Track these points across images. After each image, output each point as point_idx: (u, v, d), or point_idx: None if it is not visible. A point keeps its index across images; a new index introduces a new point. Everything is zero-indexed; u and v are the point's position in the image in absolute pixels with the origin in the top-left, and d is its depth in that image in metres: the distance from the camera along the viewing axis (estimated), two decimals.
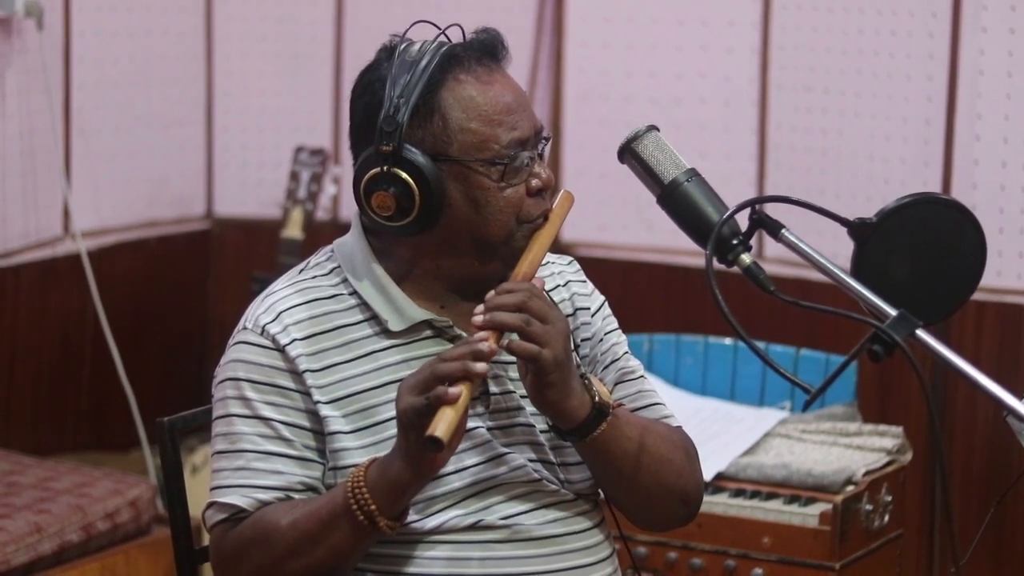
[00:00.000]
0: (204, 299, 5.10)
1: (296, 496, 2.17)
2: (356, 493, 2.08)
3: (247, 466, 2.17)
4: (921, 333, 1.94)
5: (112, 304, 4.53)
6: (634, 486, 2.24)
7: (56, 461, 4.24)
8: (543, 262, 2.26)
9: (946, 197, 2.13)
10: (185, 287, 5.06)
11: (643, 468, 2.22)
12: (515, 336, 2.10)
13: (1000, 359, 4.06)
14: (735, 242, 2.08)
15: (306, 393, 2.18)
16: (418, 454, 2.04)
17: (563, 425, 2.17)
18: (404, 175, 2.14)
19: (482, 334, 2.08)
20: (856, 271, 2.05)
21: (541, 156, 2.22)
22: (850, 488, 3.30)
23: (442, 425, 1.98)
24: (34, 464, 4.11)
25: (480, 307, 2.10)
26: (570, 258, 2.42)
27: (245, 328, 2.22)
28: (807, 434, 3.50)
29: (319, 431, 2.18)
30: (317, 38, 4.98)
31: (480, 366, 2.03)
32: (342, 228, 2.29)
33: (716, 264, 2.06)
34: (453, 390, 2.01)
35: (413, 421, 2.03)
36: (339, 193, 4.76)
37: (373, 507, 2.08)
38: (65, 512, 3.79)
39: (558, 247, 4.53)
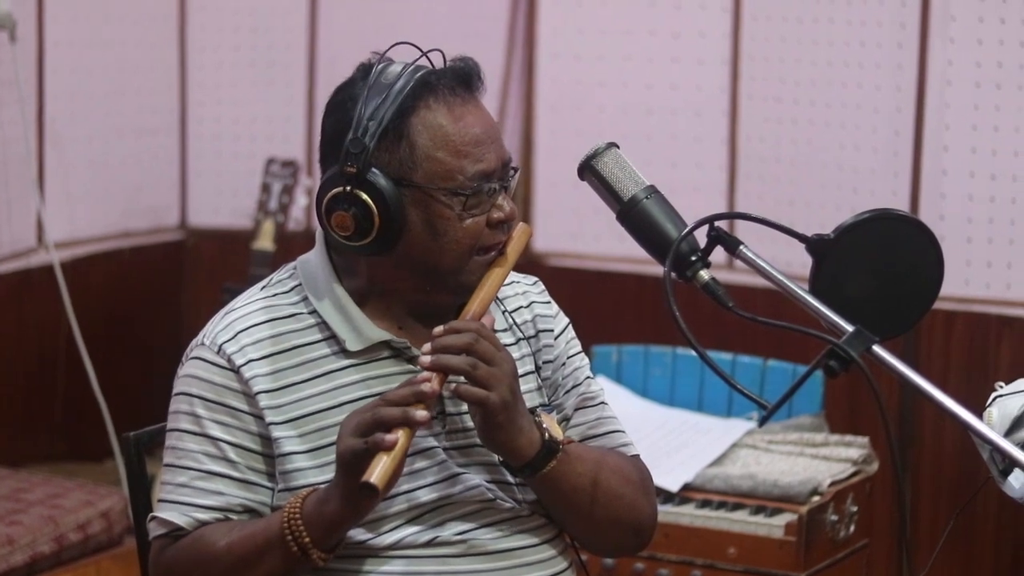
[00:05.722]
0: (178, 309, 5.10)
1: (235, 518, 2.18)
2: (292, 523, 2.10)
3: (189, 484, 2.19)
4: (878, 349, 1.95)
5: (86, 315, 4.53)
6: (586, 518, 2.25)
7: (29, 472, 4.24)
8: (507, 281, 2.26)
9: (903, 213, 2.14)
10: (159, 298, 5.05)
11: (596, 502, 2.23)
12: (461, 379, 2.10)
13: (969, 368, 4.08)
14: (694, 259, 2.09)
15: (258, 416, 2.18)
16: (354, 495, 2.05)
17: (513, 462, 2.18)
18: (365, 197, 2.14)
19: (426, 374, 2.08)
20: (814, 287, 2.06)
21: (506, 188, 2.21)
22: (816, 498, 3.32)
23: (378, 472, 2.00)
24: (6, 475, 4.11)
25: (427, 346, 2.11)
26: (535, 278, 2.41)
27: (203, 344, 2.22)
28: (774, 445, 3.52)
29: (268, 454, 2.18)
30: (291, 48, 4.98)
31: (421, 414, 2.04)
32: (315, 240, 2.30)
33: (676, 279, 2.08)
34: (390, 437, 2.02)
35: (351, 463, 2.04)
36: (311, 205, 4.76)
37: (307, 539, 2.09)
38: (37, 523, 3.80)
39: (529, 255, 4.54)
